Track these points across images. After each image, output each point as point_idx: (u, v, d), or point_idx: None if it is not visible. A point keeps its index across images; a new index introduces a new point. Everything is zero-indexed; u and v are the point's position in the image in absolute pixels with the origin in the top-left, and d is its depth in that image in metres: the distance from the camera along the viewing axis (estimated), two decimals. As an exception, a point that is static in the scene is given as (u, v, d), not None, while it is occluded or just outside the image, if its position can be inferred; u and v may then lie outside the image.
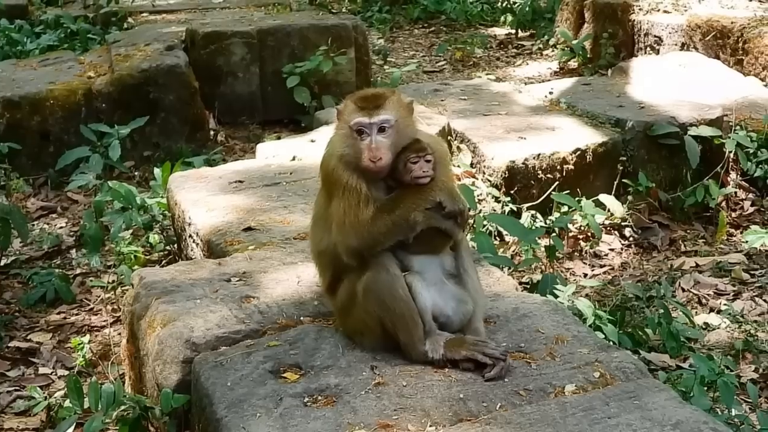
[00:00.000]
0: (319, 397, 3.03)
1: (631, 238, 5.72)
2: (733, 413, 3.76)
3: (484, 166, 5.62)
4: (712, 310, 4.97)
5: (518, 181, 5.54)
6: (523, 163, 5.56)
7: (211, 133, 7.39)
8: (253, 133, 7.61)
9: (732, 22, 7.55)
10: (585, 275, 5.33)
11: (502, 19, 11.04)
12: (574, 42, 9.09)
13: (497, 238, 5.39)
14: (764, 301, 5.01)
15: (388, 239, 3.10)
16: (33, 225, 6.06)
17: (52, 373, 4.54)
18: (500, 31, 10.83)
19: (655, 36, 8.36)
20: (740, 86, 6.89)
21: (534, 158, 5.58)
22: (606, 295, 5.05)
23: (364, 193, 3.08)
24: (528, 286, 4.73)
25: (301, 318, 3.53)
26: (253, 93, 7.76)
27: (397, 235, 3.10)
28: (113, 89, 6.93)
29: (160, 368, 3.40)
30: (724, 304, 4.95)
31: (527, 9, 10.82)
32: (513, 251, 5.29)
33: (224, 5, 9.63)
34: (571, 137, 5.82)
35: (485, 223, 5.25)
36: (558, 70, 9.22)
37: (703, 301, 5.06)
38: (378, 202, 3.10)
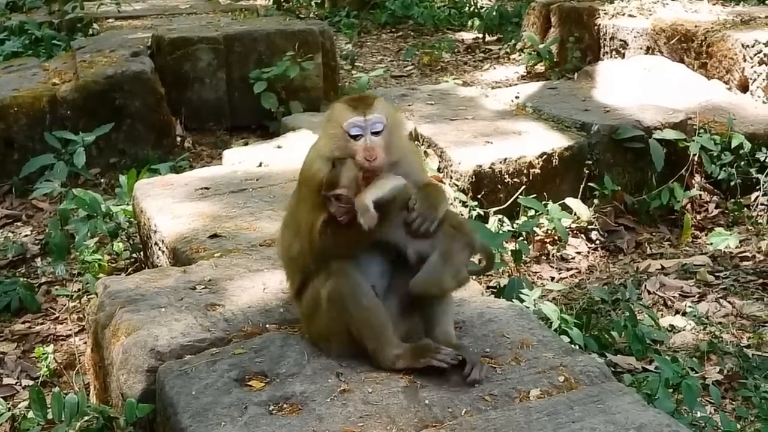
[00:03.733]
0: (285, 405, 3.02)
1: (597, 242, 5.75)
2: (698, 415, 3.79)
3: (452, 171, 5.63)
4: (677, 312, 5.00)
5: (485, 186, 5.56)
6: (489, 168, 5.57)
7: (178, 139, 7.35)
8: (220, 139, 7.59)
9: (696, 26, 7.62)
10: (552, 279, 5.35)
11: (470, 23, 11.09)
12: (541, 46, 9.14)
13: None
14: (728, 302, 5.05)
15: (337, 250, 3.07)
16: (-3, 233, 6.01)
17: (16, 383, 4.50)
18: (468, 36, 10.87)
19: (620, 40, 8.43)
20: (704, 89, 6.95)
21: (501, 163, 5.60)
22: (572, 299, 5.07)
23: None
24: (494, 291, 4.73)
25: (267, 325, 3.52)
26: (220, 99, 7.74)
27: (345, 246, 3.06)
28: (78, 96, 6.88)
29: (125, 377, 3.38)
30: (689, 306, 4.99)
31: (494, 13, 10.88)
32: (480, 255, 5.29)
33: (190, 11, 9.60)
34: (537, 141, 5.84)
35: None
36: (525, 74, 9.27)
37: (669, 303, 5.09)
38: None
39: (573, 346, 3.78)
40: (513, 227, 5.41)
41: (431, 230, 3.07)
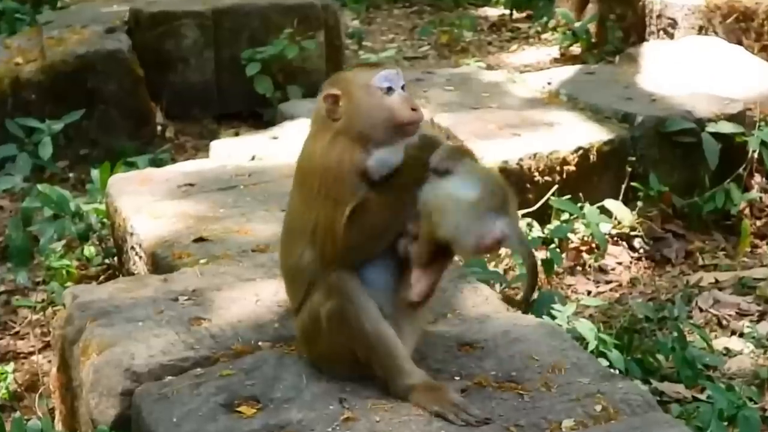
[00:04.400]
0: (280, 435, 3.03)
1: (641, 250, 5.74)
2: (756, 452, 3.79)
3: (473, 168, 5.63)
4: (733, 333, 4.99)
5: (512, 185, 5.48)
6: (517, 164, 5.57)
7: (158, 128, 7.37)
8: (206, 128, 7.60)
9: (756, 3, 7.60)
10: (588, 293, 5.35)
11: (495, -3, 11.09)
12: (577, 24, 9.13)
13: (488, 249, 5.39)
14: (793, 322, 5.05)
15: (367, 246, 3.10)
16: (-50, 235, 6.03)
17: (-29, 407, 4.52)
18: (492, 12, 10.86)
19: (669, 18, 8.41)
20: (765, 76, 6.93)
21: (530, 158, 5.60)
22: (612, 316, 5.07)
23: None
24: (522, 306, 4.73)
25: (260, 343, 3.52)
26: (207, 82, 7.75)
27: (377, 238, 3.10)
28: (44, 78, 6.91)
29: (96, 401, 3.38)
30: (748, 327, 4.98)
31: (524, -14, 10.86)
32: (505, 265, 5.30)
33: (174, -19, 9.61)
34: (572, 134, 5.84)
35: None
36: (558, 56, 9.25)
37: (724, 322, 5.09)
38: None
39: (612, 370, 3.78)
40: (543, 233, 5.40)
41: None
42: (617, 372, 4.02)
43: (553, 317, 4.39)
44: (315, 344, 3.26)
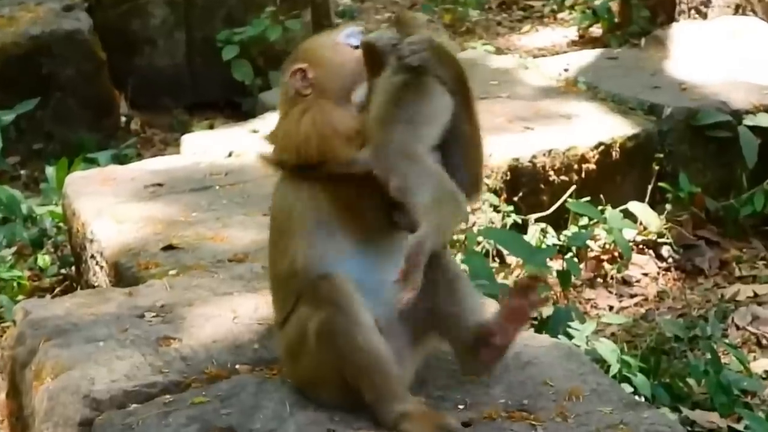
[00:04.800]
0: (260, 472, 3.03)
1: (670, 260, 5.75)
2: (800, 489, 3.79)
3: (480, 166, 5.63)
4: (774, 353, 5.01)
5: (524, 185, 5.56)
6: (530, 162, 5.58)
7: (122, 119, 7.38)
8: (177, 119, 7.61)
9: (801, -21, 7.62)
10: (610, 308, 5.36)
11: (505, -29, 11.11)
12: (598, 2, 9.15)
13: (495, 259, 5.41)
14: (842, 342, 5.06)
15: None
16: None
17: None
18: (502, -12, 10.89)
19: (702, -5, 8.42)
20: (811, 61, 6.95)
21: (544, 155, 5.61)
22: (637, 335, 5.08)
23: None
24: (535, 324, 4.73)
25: (237, 366, 3.51)
26: (178, 67, 7.78)
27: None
28: (-7, 62, 6.91)
29: (51, 432, 3.37)
30: (791, 347, 5.00)
31: (537, -41, 10.89)
32: (516, 276, 5.30)
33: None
34: (592, 128, 5.85)
35: (480, 239, 5.25)
36: (576, 39, 9.27)
37: (764, 341, 5.10)
38: None
39: (637, 397, 3.79)
40: (559, 240, 5.41)
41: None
42: (643, 399, 4.03)
43: (570, 337, 4.39)
44: (300, 364, 3.24)
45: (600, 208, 5.54)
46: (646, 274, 5.67)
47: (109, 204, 4.90)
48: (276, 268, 3.30)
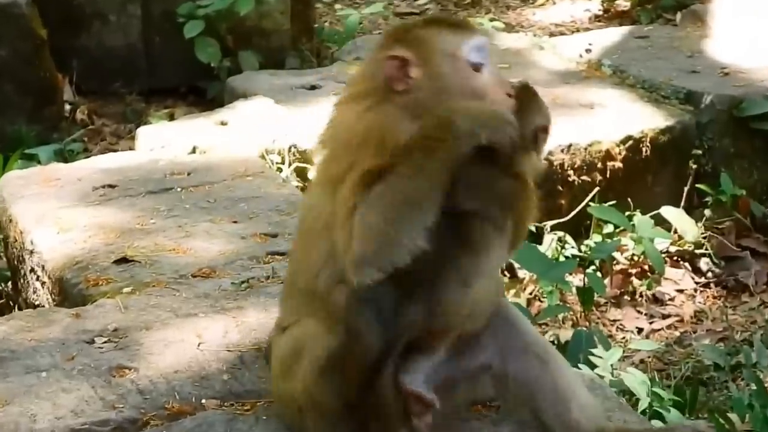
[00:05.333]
0: None
1: (709, 274, 5.78)
2: None
3: (487, 164, 5.66)
4: (830, 384, 5.02)
5: (538, 187, 5.53)
6: (546, 159, 5.59)
7: (67, 108, 7.38)
8: (131, 108, 7.62)
9: None
10: (639, 331, 5.38)
11: (516, -66, 11.14)
12: (625, -30, 9.18)
13: (506, 273, 5.42)
14: None
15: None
16: None
17: None
18: (513, -47, 10.91)
19: (747, -37, 8.45)
20: None
21: (562, 152, 5.65)
22: (670, 362, 5.10)
23: None
24: (552, 349, 4.76)
25: (203, 401, 3.52)
26: (132, 47, 7.79)
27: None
28: None
29: (-15, 478, 3.40)
30: None
31: None
32: (530, 294, 5.32)
33: None
34: (618, 119, 5.88)
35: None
36: (600, 13, 9.28)
37: (818, 370, 5.12)
38: None
39: (671, 436, 3.80)
40: (580, 251, 5.42)
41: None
42: (677, 438, 4.05)
43: (593, 366, 4.41)
44: (289, 382, 3.21)
45: (627, 213, 5.57)
46: (681, 291, 5.69)
47: (51, 208, 4.90)
48: (297, 273, 3.27)
